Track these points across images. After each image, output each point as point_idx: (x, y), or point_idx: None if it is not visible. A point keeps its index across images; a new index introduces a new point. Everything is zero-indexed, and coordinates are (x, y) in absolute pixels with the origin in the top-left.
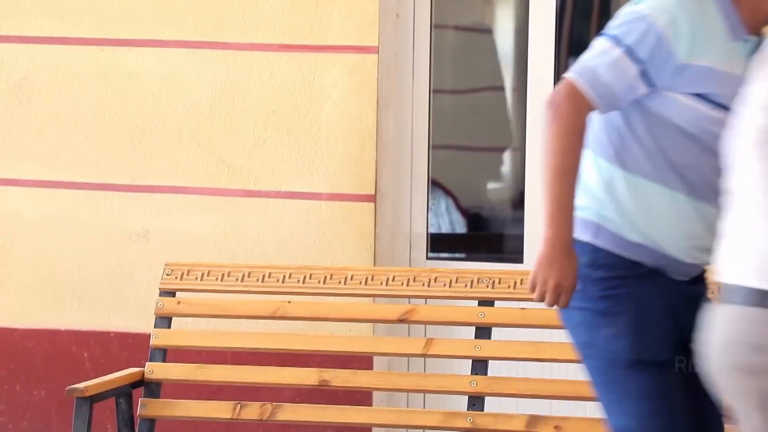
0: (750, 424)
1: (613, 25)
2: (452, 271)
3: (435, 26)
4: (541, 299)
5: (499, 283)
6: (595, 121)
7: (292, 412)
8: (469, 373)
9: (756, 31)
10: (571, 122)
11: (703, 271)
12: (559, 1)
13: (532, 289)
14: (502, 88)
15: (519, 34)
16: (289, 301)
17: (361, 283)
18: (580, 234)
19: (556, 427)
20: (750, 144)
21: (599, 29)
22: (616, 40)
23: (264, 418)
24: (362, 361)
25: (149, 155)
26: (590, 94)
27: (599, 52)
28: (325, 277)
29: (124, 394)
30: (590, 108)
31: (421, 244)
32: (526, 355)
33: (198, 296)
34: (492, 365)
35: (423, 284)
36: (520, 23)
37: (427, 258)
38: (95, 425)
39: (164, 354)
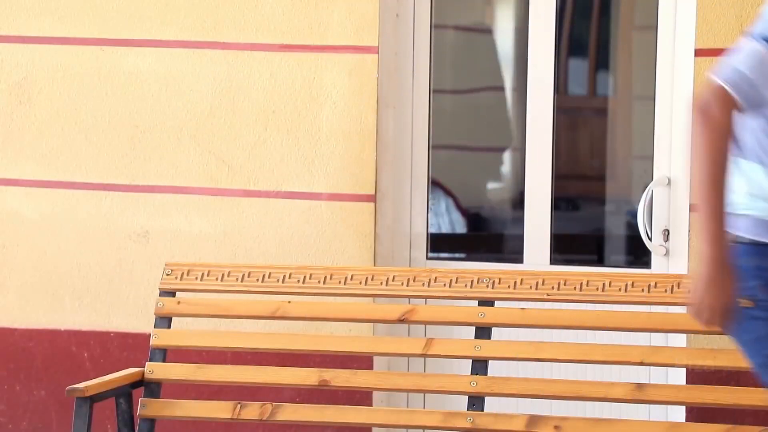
0: None
1: (756, 25)
2: (452, 271)
3: (435, 26)
4: (711, 324)
5: (499, 283)
6: (760, 133)
7: (292, 412)
8: (469, 373)
9: None
10: (722, 126)
11: None
12: (559, 1)
13: (699, 316)
14: (502, 88)
15: (519, 34)
16: (289, 301)
17: (361, 283)
18: (760, 236)
19: (555, 427)
20: None
21: (599, 29)
22: (758, 38)
23: (264, 418)
24: (362, 361)
25: (149, 155)
26: (736, 93)
27: (741, 50)
28: (325, 277)
29: (124, 394)
30: (736, 108)
31: (421, 244)
32: (526, 355)
33: (198, 296)
34: (492, 365)
35: (423, 284)
36: (520, 23)
37: (427, 258)
38: (95, 425)
39: (164, 354)
